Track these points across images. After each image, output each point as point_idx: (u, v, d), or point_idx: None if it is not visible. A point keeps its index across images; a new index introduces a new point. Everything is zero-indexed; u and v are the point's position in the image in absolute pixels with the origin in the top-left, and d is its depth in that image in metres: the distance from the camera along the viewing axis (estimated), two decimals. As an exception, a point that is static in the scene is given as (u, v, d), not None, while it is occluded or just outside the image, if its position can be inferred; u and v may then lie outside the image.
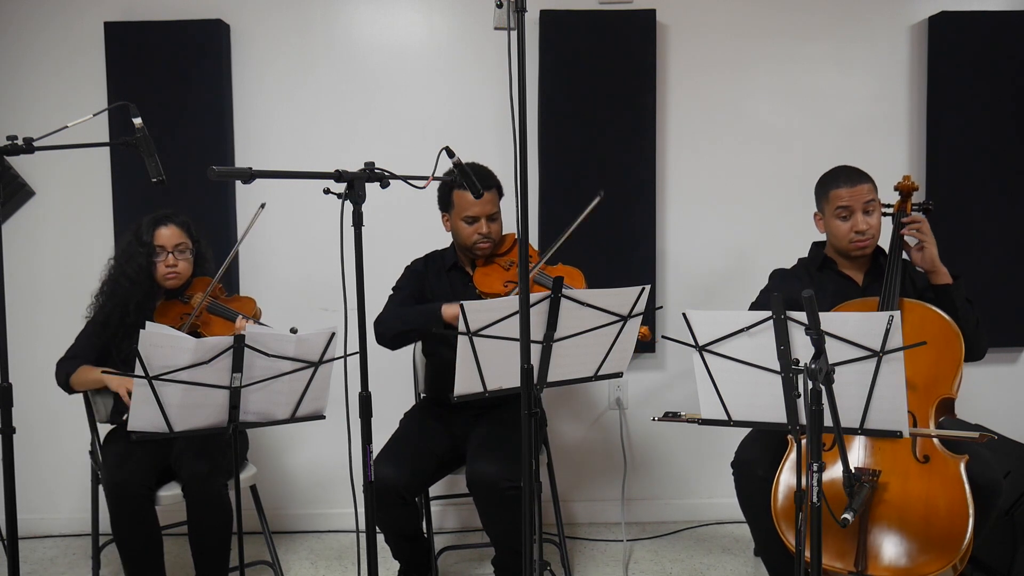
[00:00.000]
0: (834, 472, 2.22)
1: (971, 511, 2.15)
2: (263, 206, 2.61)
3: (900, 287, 2.47)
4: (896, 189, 2.69)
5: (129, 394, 2.35)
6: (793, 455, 2.35)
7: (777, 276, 2.74)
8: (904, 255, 2.56)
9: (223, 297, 2.79)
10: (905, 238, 2.56)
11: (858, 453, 2.31)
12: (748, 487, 2.49)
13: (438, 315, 2.50)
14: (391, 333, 2.63)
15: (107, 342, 2.69)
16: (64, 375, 2.65)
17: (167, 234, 2.68)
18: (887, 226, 2.62)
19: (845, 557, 2.23)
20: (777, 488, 2.34)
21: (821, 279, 2.63)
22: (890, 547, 2.20)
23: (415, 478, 2.58)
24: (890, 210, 2.67)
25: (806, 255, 2.77)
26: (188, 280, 2.74)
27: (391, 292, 2.80)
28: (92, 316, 2.73)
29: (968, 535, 2.14)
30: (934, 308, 2.41)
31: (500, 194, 2.76)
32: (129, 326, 2.60)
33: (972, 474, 2.21)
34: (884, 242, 2.62)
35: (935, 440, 2.26)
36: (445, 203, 2.76)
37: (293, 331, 2.46)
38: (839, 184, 2.56)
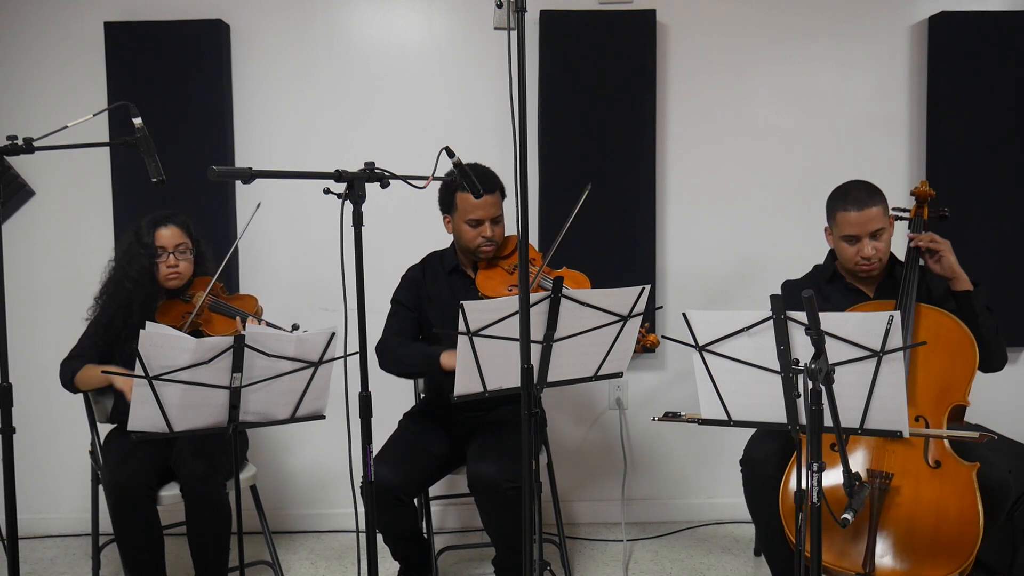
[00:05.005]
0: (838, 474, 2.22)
1: (981, 519, 2.15)
2: (259, 205, 2.64)
3: (916, 293, 2.45)
4: (912, 195, 2.67)
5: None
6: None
7: (787, 288, 2.72)
8: (921, 261, 2.54)
9: (225, 296, 2.80)
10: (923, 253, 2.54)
11: (870, 455, 2.31)
12: (756, 485, 2.48)
13: (437, 364, 2.51)
14: (394, 371, 2.67)
15: (110, 343, 2.69)
16: (69, 374, 2.65)
17: (167, 235, 2.68)
18: (901, 232, 2.60)
19: (853, 558, 2.23)
20: (787, 487, 2.34)
21: (830, 292, 2.62)
22: (898, 550, 2.20)
23: (412, 479, 2.58)
24: (906, 215, 2.63)
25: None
26: (190, 280, 2.74)
27: (391, 305, 2.79)
28: (94, 317, 2.74)
29: (977, 543, 2.15)
30: (949, 314, 2.40)
31: (503, 196, 2.75)
32: (132, 327, 2.60)
33: (982, 477, 2.21)
34: (897, 249, 2.61)
35: (947, 445, 2.26)
36: (447, 205, 2.74)
37: (295, 327, 2.46)
38: (847, 207, 2.49)
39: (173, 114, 3.24)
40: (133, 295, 2.65)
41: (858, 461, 2.30)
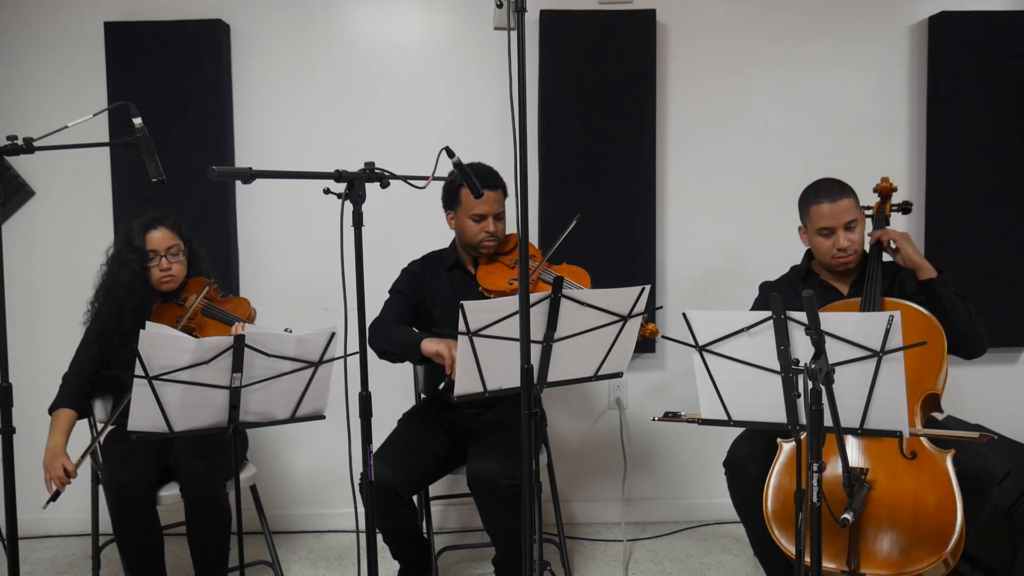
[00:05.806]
0: (827, 472, 2.22)
1: (959, 505, 2.15)
2: (212, 282, 2.74)
3: (881, 287, 2.48)
4: (875, 191, 2.71)
5: (52, 476, 2.47)
6: (783, 459, 2.35)
7: (765, 288, 2.75)
8: (888, 257, 2.58)
9: (218, 299, 2.78)
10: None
11: (847, 451, 2.31)
12: (740, 485, 2.49)
13: (417, 349, 2.50)
14: (378, 348, 2.65)
15: (105, 350, 2.68)
16: (56, 402, 2.65)
17: (158, 237, 2.64)
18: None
19: (837, 557, 2.23)
20: (767, 492, 2.34)
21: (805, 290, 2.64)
22: (881, 544, 2.20)
23: (410, 477, 2.58)
24: (870, 211, 2.70)
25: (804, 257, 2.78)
26: (184, 282, 2.72)
27: (388, 294, 2.80)
28: (89, 324, 2.72)
29: (957, 530, 2.15)
30: (915, 306, 2.41)
31: (505, 194, 2.77)
32: (125, 333, 2.59)
33: (961, 466, 2.21)
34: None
35: (921, 436, 2.26)
36: (451, 201, 2.76)
37: (287, 332, 2.46)
38: (820, 200, 2.55)
39: (173, 114, 3.24)
40: (125, 301, 2.62)
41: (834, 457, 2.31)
